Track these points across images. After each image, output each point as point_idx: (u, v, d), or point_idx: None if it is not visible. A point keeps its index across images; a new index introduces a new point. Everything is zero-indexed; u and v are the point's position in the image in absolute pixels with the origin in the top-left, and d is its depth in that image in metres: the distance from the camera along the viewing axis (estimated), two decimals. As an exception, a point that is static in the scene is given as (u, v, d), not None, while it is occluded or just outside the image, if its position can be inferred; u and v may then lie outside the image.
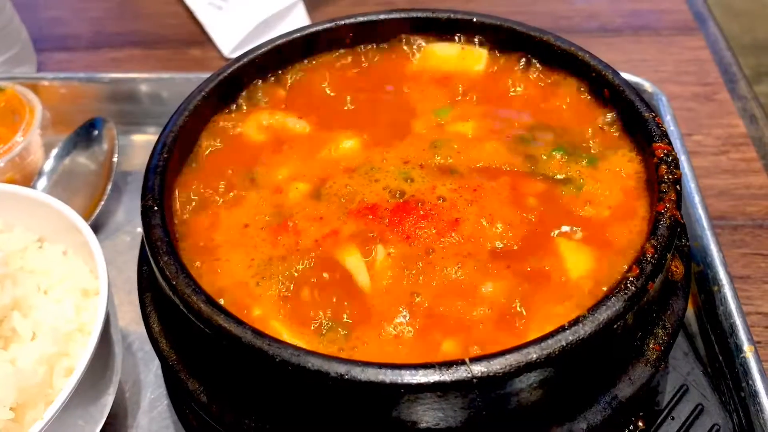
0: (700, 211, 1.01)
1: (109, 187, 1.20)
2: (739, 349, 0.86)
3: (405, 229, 0.76)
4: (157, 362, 0.99)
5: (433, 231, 0.76)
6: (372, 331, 0.69)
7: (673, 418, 0.81)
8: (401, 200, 0.79)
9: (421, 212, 0.78)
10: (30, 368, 0.78)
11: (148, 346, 1.01)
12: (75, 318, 0.85)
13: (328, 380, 0.59)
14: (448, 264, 0.73)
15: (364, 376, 0.59)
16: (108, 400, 0.85)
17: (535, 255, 0.74)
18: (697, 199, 1.03)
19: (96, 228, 1.17)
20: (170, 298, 0.68)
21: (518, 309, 0.69)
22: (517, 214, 0.77)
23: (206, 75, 0.92)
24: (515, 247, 0.74)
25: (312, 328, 0.69)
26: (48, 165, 1.20)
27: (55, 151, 1.22)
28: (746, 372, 0.85)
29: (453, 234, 0.75)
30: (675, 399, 0.83)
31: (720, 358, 0.91)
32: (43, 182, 1.19)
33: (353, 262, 0.74)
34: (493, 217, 0.77)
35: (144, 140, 1.36)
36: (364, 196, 0.80)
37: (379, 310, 0.70)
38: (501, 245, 0.75)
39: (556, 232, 0.76)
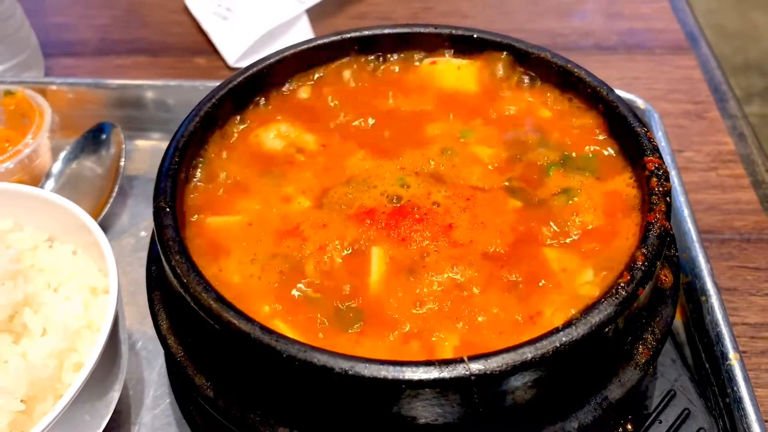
0: (690, 225, 1.05)
1: (115, 190, 1.22)
2: (725, 356, 0.90)
3: (401, 232, 0.80)
4: (160, 361, 1.02)
5: (428, 234, 0.79)
6: (371, 332, 0.72)
7: (660, 422, 0.84)
8: (398, 205, 0.83)
9: (417, 216, 0.81)
10: (40, 362, 0.80)
11: (152, 346, 1.04)
12: (84, 315, 0.87)
13: (333, 375, 0.62)
14: (442, 266, 0.76)
15: (368, 372, 0.62)
16: (114, 397, 0.87)
17: (527, 261, 0.77)
18: (686, 212, 1.07)
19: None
20: (181, 296, 0.71)
21: (512, 312, 0.72)
22: (510, 222, 0.80)
23: (212, 83, 0.95)
24: (505, 253, 0.78)
25: (312, 327, 0.72)
26: (56, 167, 1.23)
27: (63, 154, 1.25)
28: (731, 379, 0.88)
29: (446, 238, 0.78)
30: (663, 403, 0.86)
31: (706, 365, 0.94)
32: (50, 184, 1.21)
33: (351, 265, 0.77)
34: (485, 224, 0.80)
35: (149, 146, 1.39)
36: (363, 202, 0.83)
37: (378, 310, 0.73)
38: (493, 250, 0.78)
39: (549, 241, 0.79)
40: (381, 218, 0.81)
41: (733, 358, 0.89)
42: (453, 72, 1.01)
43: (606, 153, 0.88)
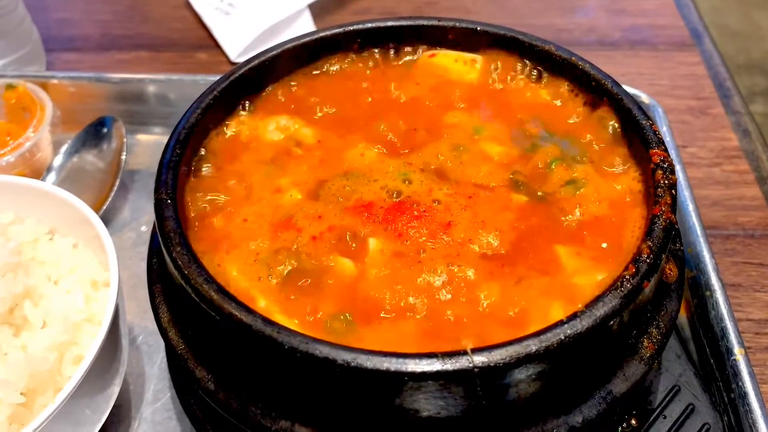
0: (694, 219, 1.04)
1: (116, 184, 1.22)
2: (729, 351, 0.89)
3: (398, 227, 0.79)
4: (161, 355, 1.01)
5: (425, 231, 0.78)
6: (366, 327, 0.71)
7: (665, 417, 0.84)
8: (397, 200, 0.82)
9: (415, 213, 0.80)
10: (41, 355, 0.80)
11: (153, 340, 1.04)
12: (84, 308, 0.87)
13: (336, 367, 0.61)
14: (439, 263, 0.75)
15: (370, 364, 0.61)
16: (114, 391, 0.87)
17: (531, 256, 0.76)
18: (691, 207, 1.06)
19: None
20: (182, 288, 0.70)
21: (513, 306, 0.72)
22: (511, 220, 0.79)
23: (213, 78, 0.94)
24: (506, 251, 0.76)
25: (308, 322, 0.72)
26: (57, 161, 1.23)
27: (64, 148, 1.25)
28: (736, 374, 0.87)
29: (444, 235, 0.78)
30: (667, 399, 0.85)
31: (711, 360, 0.93)
32: (51, 178, 1.21)
33: (346, 259, 0.77)
34: (486, 222, 0.79)
35: (150, 140, 1.39)
36: (362, 195, 0.83)
37: (372, 306, 0.72)
38: (492, 248, 0.76)
39: (554, 235, 0.78)
40: (378, 212, 0.80)
41: (738, 353, 0.89)
42: (457, 65, 1.00)
43: (611, 146, 0.88)
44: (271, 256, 0.77)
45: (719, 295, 0.94)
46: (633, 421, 0.83)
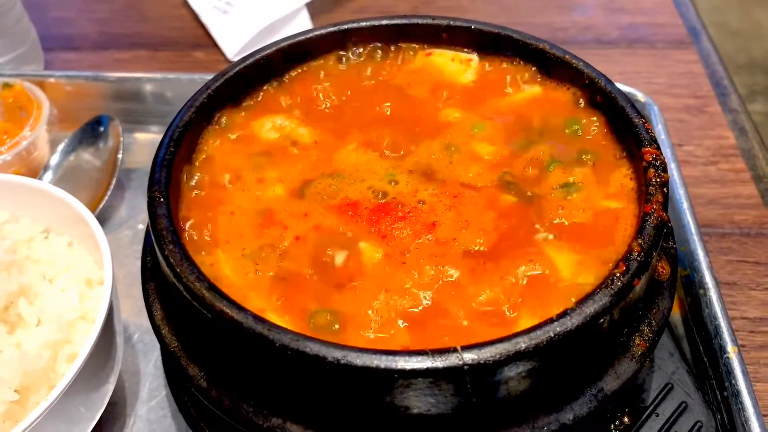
0: (689, 218, 1.04)
1: (113, 183, 1.22)
2: (723, 350, 0.89)
3: (382, 228, 0.79)
4: (156, 354, 1.02)
5: (410, 231, 0.78)
6: (352, 326, 0.71)
7: (657, 415, 0.84)
8: (383, 201, 0.82)
9: (400, 213, 0.80)
10: (35, 353, 0.80)
11: (148, 338, 1.04)
12: (79, 306, 0.87)
13: (326, 365, 0.62)
14: (422, 264, 0.75)
15: (360, 362, 0.61)
16: (108, 389, 0.87)
17: (519, 256, 0.75)
18: (685, 205, 1.06)
19: (99, 223, 1.19)
20: (174, 286, 0.71)
21: (499, 306, 0.72)
22: (494, 220, 0.79)
23: (211, 76, 0.94)
24: (488, 250, 0.76)
25: (297, 320, 0.72)
26: (54, 160, 1.23)
27: (61, 147, 1.25)
28: (729, 372, 0.87)
29: (428, 236, 0.78)
30: (660, 397, 0.85)
31: (704, 358, 0.93)
32: (48, 177, 1.21)
33: (332, 258, 0.77)
34: (469, 222, 0.79)
35: (147, 139, 1.39)
36: (347, 194, 0.83)
37: (359, 306, 0.72)
38: (476, 248, 0.76)
39: (546, 234, 0.78)
40: (363, 213, 0.81)
41: (731, 351, 0.89)
42: (452, 63, 1.01)
43: (604, 145, 0.88)
44: (262, 254, 0.77)
45: (713, 294, 0.94)
46: (626, 419, 0.83)
